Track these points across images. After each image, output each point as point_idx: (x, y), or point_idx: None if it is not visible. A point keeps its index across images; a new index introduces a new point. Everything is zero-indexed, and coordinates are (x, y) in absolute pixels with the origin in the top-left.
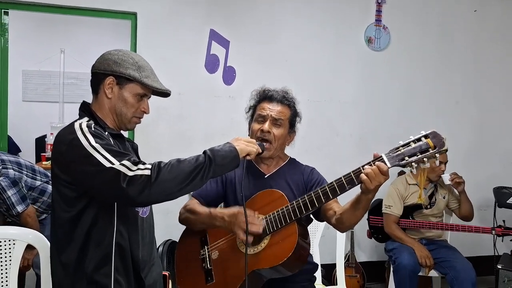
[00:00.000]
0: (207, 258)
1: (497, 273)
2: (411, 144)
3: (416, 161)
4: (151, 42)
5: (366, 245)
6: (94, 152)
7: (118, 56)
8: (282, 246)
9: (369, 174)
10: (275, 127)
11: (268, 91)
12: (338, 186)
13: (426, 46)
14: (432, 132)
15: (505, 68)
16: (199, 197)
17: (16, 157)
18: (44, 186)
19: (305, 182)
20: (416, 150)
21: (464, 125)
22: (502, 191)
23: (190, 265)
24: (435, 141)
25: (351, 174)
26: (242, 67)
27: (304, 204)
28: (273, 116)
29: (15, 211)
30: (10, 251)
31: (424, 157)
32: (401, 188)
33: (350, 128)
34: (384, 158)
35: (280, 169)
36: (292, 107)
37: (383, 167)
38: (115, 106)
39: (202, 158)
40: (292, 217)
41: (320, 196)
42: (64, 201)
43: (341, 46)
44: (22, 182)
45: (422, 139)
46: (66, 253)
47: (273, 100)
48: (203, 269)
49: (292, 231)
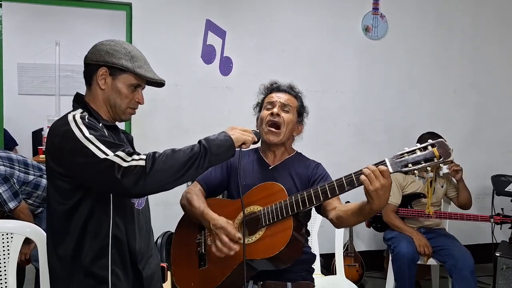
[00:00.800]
0: (203, 243)
1: (495, 261)
2: (417, 151)
3: (419, 169)
4: (146, 33)
5: (364, 234)
6: (88, 144)
7: (111, 46)
8: (275, 240)
9: (369, 176)
10: (284, 112)
11: (275, 83)
12: (338, 186)
13: (424, 34)
14: (439, 142)
15: (503, 57)
16: (202, 183)
17: (7, 152)
18: (37, 180)
19: (308, 176)
20: (421, 158)
21: (462, 113)
22: (500, 179)
23: (186, 248)
24: (441, 151)
25: (352, 175)
26: (239, 57)
27: (302, 201)
28: (281, 102)
29: (7, 208)
30: (8, 245)
31: (427, 166)
32: (400, 178)
33: (348, 118)
34: (387, 162)
35: (285, 161)
36: (299, 98)
37: (383, 168)
38: (109, 97)
39: (197, 147)
40: (289, 212)
41: (319, 195)
42: (60, 194)
43: (338, 36)
44: (14, 178)
45: (429, 147)
46: (63, 246)
47: (280, 90)
48: (197, 253)
49: (287, 226)
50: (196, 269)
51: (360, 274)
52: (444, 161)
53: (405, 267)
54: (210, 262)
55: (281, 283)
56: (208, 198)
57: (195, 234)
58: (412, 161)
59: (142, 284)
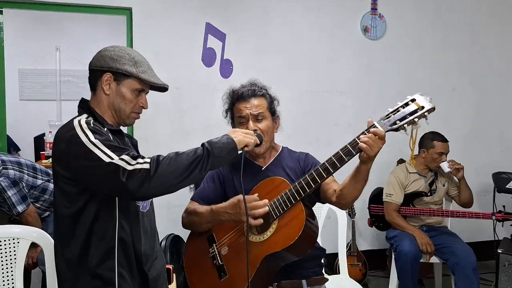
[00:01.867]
0: (217, 254)
1: (498, 258)
2: (400, 109)
3: (407, 122)
4: (147, 37)
5: (367, 233)
6: (93, 148)
7: (115, 52)
8: (291, 227)
9: (367, 142)
10: (259, 123)
11: (237, 91)
12: (337, 159)
13: (422, 34)
14: (417, 95)
15: (501, 54)
16: (198, 199)
17: (16, 157)
18: (45, 185)
19: (302, 168)
20: (405, 113)
21: (462, 111)
22: (501, 176)
23: (201, 266)
24: (421, 102)
25: (348, 146)
26: (239, 59)
27: (307, 183)
28: (252, 113)
29: (16, 211)
30: (14, 250)
31: (414, 118)
32: (402, 177)
33: (349, 118)
34: (377, 125)
35: (275, 159)
36: (266, 96)
37: (380, 132)
38: (114, 102)
39: (200, 150)
40: (297, 198)
41: (321, 172)
42: (66, 198)
43: (337, 36)
44: (23, 181)
45: (409, 102)
46: (69, 249)
47: (245, 98)
48: (214, 266)
49: (298, 211)
50: (218, 282)
51: (363, 273)
52: (427, 109)
53: (408, 266)
54: (230, 270)
55: (296, 282)
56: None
57: (205, 249)
58: (399, 117)
59: (148, 286)
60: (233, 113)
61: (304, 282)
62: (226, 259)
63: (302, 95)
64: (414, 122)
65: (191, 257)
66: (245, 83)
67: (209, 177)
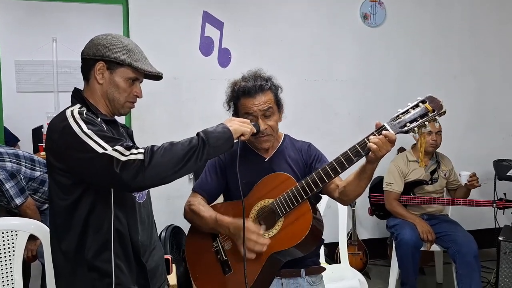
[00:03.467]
0: (221, 249)
1: (499, 245)
2: (410, 110)
3: (417, 126)
4: (143, 26)
5: (367, 222)
6: (86, 139)
7: (107, 40)
8: (297, 226)
9: (377, 143)
10: (267, 119)
11: (242, 87)
12: (345, 159)
13: (423, 21)
14: (428, 97)
15: (502, 41)
16: (201, 191)
17: (14, 149)
18: (44, 176)
19: (304, 160)
20: (416, 116)
21: (463, 99)
22: (502, 163)
23: (204, 260)
24: (433, 105)
25: (357, 146)
26: (237, 48)
27: (314, 182)
28: (261, 109)
29: (14, 204)
30: (13, 242)
31: (424, 121)
32: (402, 165)
33: (349, 107)
34: (387, 127)
35: (278, 150)
36: (272, 88)
37: (391, 135)
38: (107, 92)
39: (195, 140)
40: (303, 196)
41: (328, 172)
42: (61, 189)
43: (336, 24)
44: (21, 174)
45: (420, 104)
46: (66, 241)
47: (252, 94)
48: (218, 261)
49: (305, 209)
50: (223, 277)
51: (364, 262)
52: (438, 113)
53: (409, 254)
54: (234, 266)
55: (295, 270)
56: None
57: (209, 243)
58: (409, 120)
59: (146, 277)
60: (237, 107)
61: (302, 271)
62: (230, 254)
63: (301, 83)
64: (424, 125)
65: (193, 251)
66: (249, 75)
67: (212, 168)
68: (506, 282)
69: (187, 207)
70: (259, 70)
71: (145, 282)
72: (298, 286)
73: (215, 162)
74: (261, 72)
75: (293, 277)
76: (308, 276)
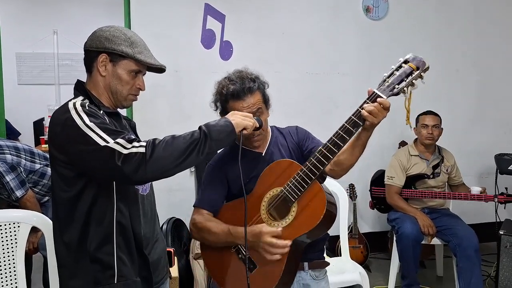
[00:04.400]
0: (241, 248)
1: (499, 239)
2: (395, 72)
3: (406, 85)
4: (145, 18)
5: (368, 216)
6: (88, 131)
7: (110, 32)
8: (313, 207)
9: (372, 111)
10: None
11: (231, 91)
12: (344, 132)
13: (426, 14)
14: (409, 56)
15: (506, 35)
16: (204, 206)
17: (13, 142)
18: (44, 169)
19: (296, 142)
20: (402, 76)
21: (465, 92)
22: (504, 158)
23: (227, 263)
24: (416, 63)
25: (352, 117)
26: (239, 41)
27: (319, 161)
28: (251, 111)
29: (14, 196)
30: (15, 234)
31: (412, 80)
32: (404, 159)
33: (350, 100)
34: (378, 93)
35: (271, 142)
36: (259, 87)
37: (386, 102)
38: (110, 84)
39: (197, 133)
40: (312, 177)
41: (331, 148)
42: (63, 181)
43: (339, 17)
44: (21, 166)
45: (403, 65)
46: (68, 233)
47: (241, 97)
48: (241, 260)
49: (317, 189)
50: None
51: (364, 255)
52: (423, 69)
53: (410, 248)
54: (258, 261)
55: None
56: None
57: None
58: (397, 81)
59: (149, 269)
60: (226, 109)
61: (305, 265)
62: (251, 251)
63: (303, 77)
64: (412, 83)
65: (213, 259)
66: (235, 77)
67: (210, 179)
68: (506, 276)
69: (192, 226)
70: (245, 69)
71: (147, 274)
72: (300, 279)
73: (212, 171)
74: (247, 72)
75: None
76: (312, 270)
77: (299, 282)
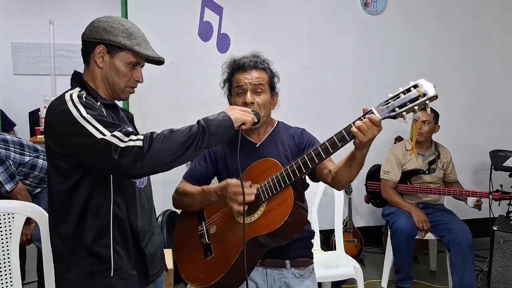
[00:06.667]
0: (205, 233)
1: (493, 235)
2: (401, 95)
3: (406, 110)
4: (142, 10)
5: (363, 210)
6: (85, 123)
7: (108, 23)
8: (278, 211)
9: (361, 127)
10: (257, 96)
11: (238, 61)
12: (330, 145)
13: (424, 9)
14: (420, 81)
15: (503, 31)
16: (189, 178)
17: (2, 134)
18: (34, 161)
19: (297, 145)
20: (406, 100)
21: (461, 88)
22: (499, 154)
23: (189, 243)
24: (424, 89)
25: (342, 131)
26: (236, 34)
27: (298, 167)
28: (252, 83)
29: (4, 190)
30: (10, 225)
31: (414, 106)
32: (400, 154)
33: (347, 94)
34: (374, 111)
35: (270, 135)
36: (267, 70)
37: (375, 117)
38: (107, 76)
39: (195, 128)
40: (287, 182)
41: (313, 157)
42: (59, 173)
43: (337, 11)
44: (10, 159)
45: (411, 89)
46: (64, 225)
47: (246, 69)
48: (201, 245)
49: (287, 195)
50: (203, 260)
51: (359, 250)
52: (429, 97)
53: (404, 242)
54: (216, 250)
55: (279, 261)
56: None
57: (195, 227)
58: (398, 104)
59: (145, 262)
60: (231, 83)
61: (287, 262)
62: (213, 238)
63: (301, 70)
64: (413, 110)
65: (180, 234)
66: (247, 54)
67: (201, 155)
68: (499, 271)
69: (174, 193)
70: (260, 52)
71: (144, 267)
72: (282, 277)
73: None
74: (260, 54)
75: (278, 267)
76: (294, 268)
77: (280, 280)
